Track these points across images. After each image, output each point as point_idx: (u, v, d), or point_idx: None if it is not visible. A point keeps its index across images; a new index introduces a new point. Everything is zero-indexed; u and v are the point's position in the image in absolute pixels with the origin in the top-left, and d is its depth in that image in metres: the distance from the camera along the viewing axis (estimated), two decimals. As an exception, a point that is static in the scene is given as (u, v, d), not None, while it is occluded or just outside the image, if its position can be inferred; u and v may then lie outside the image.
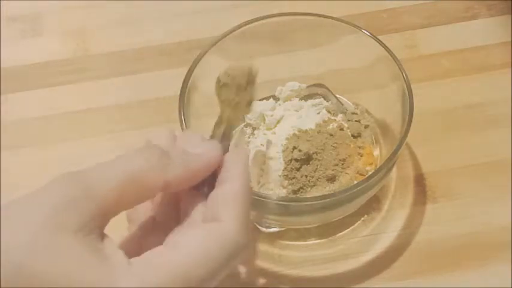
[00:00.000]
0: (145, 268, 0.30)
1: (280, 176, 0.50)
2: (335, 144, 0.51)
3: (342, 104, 0.56)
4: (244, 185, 0.33)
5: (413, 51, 0.63)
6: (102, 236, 0.30)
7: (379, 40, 0.51)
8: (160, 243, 0.32)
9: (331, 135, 0.51)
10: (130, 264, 0.30)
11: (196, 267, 0.30)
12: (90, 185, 0.30)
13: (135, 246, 0.35)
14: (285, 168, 0.50)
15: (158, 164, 0.31)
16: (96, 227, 0.30)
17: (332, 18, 0.52)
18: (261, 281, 0.50)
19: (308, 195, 0.49)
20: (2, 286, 0.27)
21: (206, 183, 0.35)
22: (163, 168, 0.32)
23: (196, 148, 0.34)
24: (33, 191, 0.30)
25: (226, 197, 0.32)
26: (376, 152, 0.53)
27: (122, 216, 0.34)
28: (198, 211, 0.33)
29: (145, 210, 0.36)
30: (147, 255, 0.31)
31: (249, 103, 0.40)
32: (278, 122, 0.53)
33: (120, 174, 0.31)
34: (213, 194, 0.33)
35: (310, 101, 0.54)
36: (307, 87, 0.56)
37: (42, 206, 0.29)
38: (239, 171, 0.34)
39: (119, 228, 0.35)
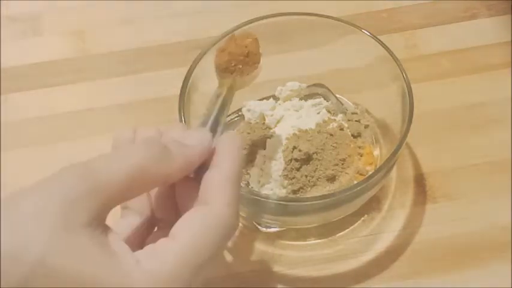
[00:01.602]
0: (153, 263, 0.30)
1: (280, 176, 0.50)
2: (335, 144, 0.51)
3: (342, 104, 0.56)
4: (233, 168, 0.34)
5: (413, 51, 0.63)
6: (106, 230, 0.31)
7: (379, 40, 0.51)
8: (162, 236, 0.32)
9: (331, 135, 0.51)
10: (138, 261, 0.30)
11: (200, 252, 0.31)
12: (97, 177, 0.30)
13: (137, 240, 0.36)
14: (285, 168, 0.50)
15: (160, 157, 0.32)
16: (101, 220, 0.30)
17: (332, 18, 0.52)
18: (261, 281, 0.50)
19: (308, 195, 0.49)
20: (19, 285, 0.27)
21: (198, 169, 0.35)
22: (165, 161, 0.32)
23: (189, 139, 0.35)
24: (41, 184, 0.30)
25: (218, 180, 0.33)
26: (376, 152, 0.53)
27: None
28: (194, 197, 0.34)
29: (141, 198, 0.37)
30: (151, 248, 0.31)
31: (256, 67, 0.43)
32: (278, 121, 0.53)
33: (126, 167, 0.31)
34: (205, 178, 0.34)
35: (310, 101, 0.54)
36: (307, 87, 0.56)
37: (53, 201, 0.29)
38: (229, 155, 0.34)
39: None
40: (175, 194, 0.36)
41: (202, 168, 0.35)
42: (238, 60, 0.43)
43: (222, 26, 0.51)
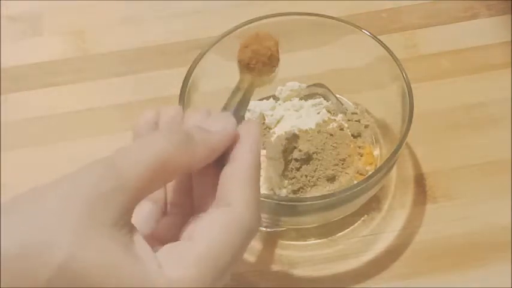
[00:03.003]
0: (176, 269, 0.29)
1: (280, 175, 0.50)
2: (335, 144, 0.51)
3: (342, 104, 0.56)
4: (253, 164, 0.33)
5: (413, 51, 0.63)
6: (132, 230, 0.30)
7: (379, 40, 0.51)
8: (175, 226, 0.31)
9: (331, 135, 0.51)
10: (160, 266, 0.29)
11: (221, 256, 0.30)
12: (121, 173, 0.29)
13: (148, 225, 0.35)
14: (285, 168, 0.50)
15: (183, 146, 0.31)
16: (127, 220, 0.30)
17: (332, 18, 0.52)
18: (261, 281, 0.50)
19: (308, 195, 0.49)
20: (46, 285, 0.27)
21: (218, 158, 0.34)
22: (187, 149, 0.31)
23: (213, 124, 0.34)
24: (65, 179, 0.29)
25: (238, 178, 0.32)
26: (376, 152, 0.53)
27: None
28: (211, 190, 0.33)
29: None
30: (172, 252, 0.30)
31: (273, 70, 0.42)
32: (278, 121, 0.53)
33: (148, 158, 0.30)
34: (225, 173, 0.33)
35: (310, 101, 0.54)
36: (307, 87, 0.56)
37: (78, 198, 0.28)
38: (249, 149, 0.33)
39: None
40: (193, 180, 0.35)
41: (222, 155, 0.33)
42: (260, 60, 0.43)
43: (222, 26, 0.51)
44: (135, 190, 0.29)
